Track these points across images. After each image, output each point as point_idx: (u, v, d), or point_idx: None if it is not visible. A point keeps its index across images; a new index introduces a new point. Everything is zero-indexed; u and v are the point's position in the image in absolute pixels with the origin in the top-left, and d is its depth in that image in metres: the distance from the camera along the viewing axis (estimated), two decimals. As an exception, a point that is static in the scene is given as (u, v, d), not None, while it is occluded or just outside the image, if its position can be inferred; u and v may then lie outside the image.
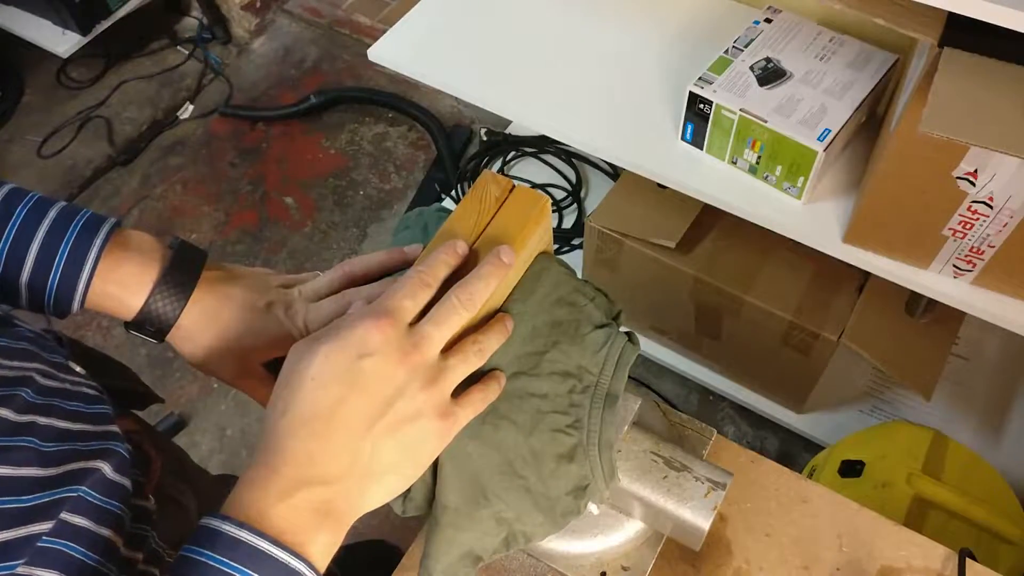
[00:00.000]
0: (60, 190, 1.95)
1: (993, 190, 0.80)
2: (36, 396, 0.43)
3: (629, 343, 0.53)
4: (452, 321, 0.44)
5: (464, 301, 0.44)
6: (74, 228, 0.50)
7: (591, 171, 1.77)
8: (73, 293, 0.50)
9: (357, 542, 1.41)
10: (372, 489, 0.42)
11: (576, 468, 0.50)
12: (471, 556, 0.52)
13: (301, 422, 0.40)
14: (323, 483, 0.40)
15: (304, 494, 0.39)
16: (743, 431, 1.48)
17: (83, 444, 0.44)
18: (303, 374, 0.41)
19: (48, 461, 0.41)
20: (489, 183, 0.52)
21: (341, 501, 0.40)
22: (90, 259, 0.50)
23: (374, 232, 1.86)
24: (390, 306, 0.42)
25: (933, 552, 0.65)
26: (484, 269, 0.46)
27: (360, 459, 0.40)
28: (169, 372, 1.66)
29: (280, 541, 0.38)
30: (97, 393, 0.49)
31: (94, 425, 0.46)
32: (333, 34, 2.22)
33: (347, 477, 0.40)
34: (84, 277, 0.50)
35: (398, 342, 0.41)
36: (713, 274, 1.23)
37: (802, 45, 1.02)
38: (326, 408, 0.40)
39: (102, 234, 0.50)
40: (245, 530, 0.37)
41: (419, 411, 0.42)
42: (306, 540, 0.39)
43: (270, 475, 0.39)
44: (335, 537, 0.41)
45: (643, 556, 0.63)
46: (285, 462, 0.40)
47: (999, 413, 1.35)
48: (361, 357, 0.40)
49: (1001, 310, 0.92)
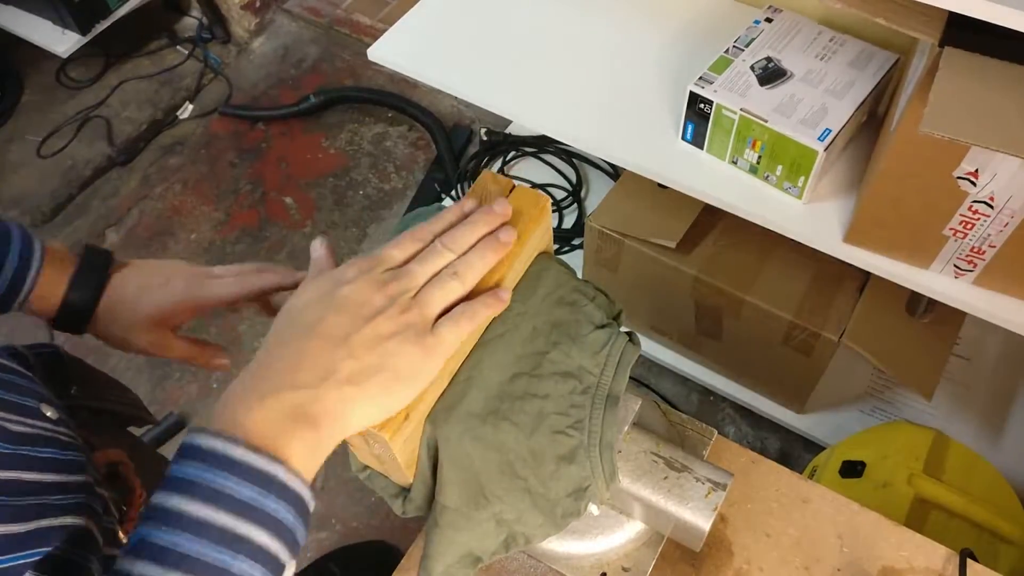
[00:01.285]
0: (59, 190, 1.95)
1: (994, 190, 0.80)
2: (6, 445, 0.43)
3: (630, 343, 0.52)
4: (435, 261, 0.45)
5: (448, 244, 0.46)
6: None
7: (591, 171, 1.77)
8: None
9: (357, 542, 1.41)
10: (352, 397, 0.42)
11: (576, 469, 0.50)
12: (471, 557, 0.52)
13: (280, 341, 0.43)
14: (296, 388, 0.40)
15: (277, 399, 0.40)
16: (743, 431, 1.48)
17: (55, 497, 0.44)
18: (290, 306, 0.44)
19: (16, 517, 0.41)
20: (489, 183, 0.52)
21: (316, 406, 0.41)
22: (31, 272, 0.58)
23: (374, 232, 1.86)
24: (375, 252, 0.45)
25: (934, 552, 0.65)
26: (475, 216, 0.47)
27: (337, 367, 0.41)
28: (169, 373, 1.66)
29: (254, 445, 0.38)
30: (70, 439, 0.49)
31: (65, 474, 0.46)
32: (333, 34, 2.22)
33: (322, 383, 0.41)
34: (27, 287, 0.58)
35: (378, 274, 0.44)
36: (713, 274, 1.23)
37: (803, 45, 1.02)
38: (304, 326, 0.42)
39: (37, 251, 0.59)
40: (219, 439, 0.38)
41: (397, 329, 0.43)
42: (282, 444, 0.39)
43: (246, 386, 0.41)
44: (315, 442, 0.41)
45: (644, 557, 0.63)
46: (260, 374, 0.41)
47: (1000, 413, 1.35)
48: (340, 284, 0.44)
49: (1002, 310, 0.92)
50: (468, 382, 0.49)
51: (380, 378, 0.42)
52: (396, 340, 0.43)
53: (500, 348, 0.49)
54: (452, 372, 0.49)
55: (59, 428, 0.49)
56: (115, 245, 1.88)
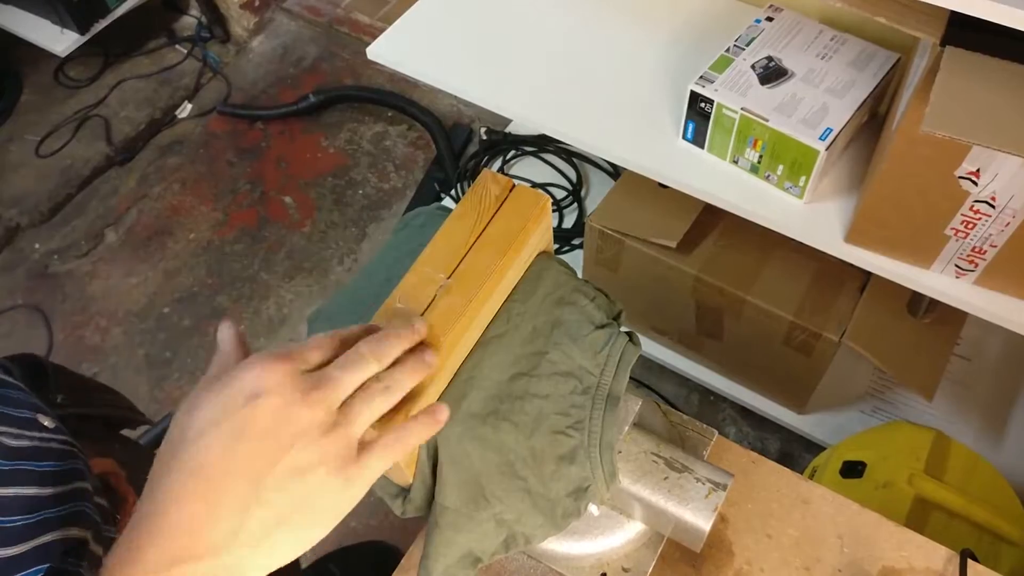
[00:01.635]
0: (58, 189, 1.95)
1: (995, 190, 0.80)
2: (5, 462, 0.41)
3: (630, 343, 0.52)
4: (361, 370, 0.39)
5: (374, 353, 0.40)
6: None
7: (591, 170, 1.76)
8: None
9: (357, 543, 1.41)
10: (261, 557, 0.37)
11: (577, 469, 0.50)
12: (471, 557, 0.52)
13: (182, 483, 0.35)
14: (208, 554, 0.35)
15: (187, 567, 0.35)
16: (744, 432, 1.48)
17: (57, 509, 0.42)
18: (188, 425, 0.37)
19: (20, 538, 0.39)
20: (489, 182, 0.51)
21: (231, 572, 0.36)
22: None
23: (373, 232, 1.85)
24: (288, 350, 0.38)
25: (934, 553, 0.65)
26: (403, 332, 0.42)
27: (248, 523, 0.35)
28: (167, 373, 1.66)
29: None
30: (68, 447, 0.47)
31: (67, 485, 0.44)
32: (332, 33, 2.22)
33: (231, 546, 0.35)
34: None
35: (294, 382, 0.37)
36: (714, 274, 1.23)
37: (803, 44, 1.01)
38: (210, 465, 0.35)
39: None
40: None
41: (318, 460, 0.37)
42: None
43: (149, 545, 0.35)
44: None
45: (644, 557, 0.62)
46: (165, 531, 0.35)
47: (1001, 414, 1.35)
48: (251, 399, 0.36)
49: (1003, 310, 0.91)
50: (468, 382, 0.48)
51: (293, 523, 0.37)
52: (316, 475, 0.37)
53: (500, 348, 0.49)
54: (453, 371, 0.49)
55: (56, 437, 0.47)
56: (114, 245, 1.88)
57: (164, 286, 1.79)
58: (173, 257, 1.84)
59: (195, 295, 1.77)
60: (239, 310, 1.74)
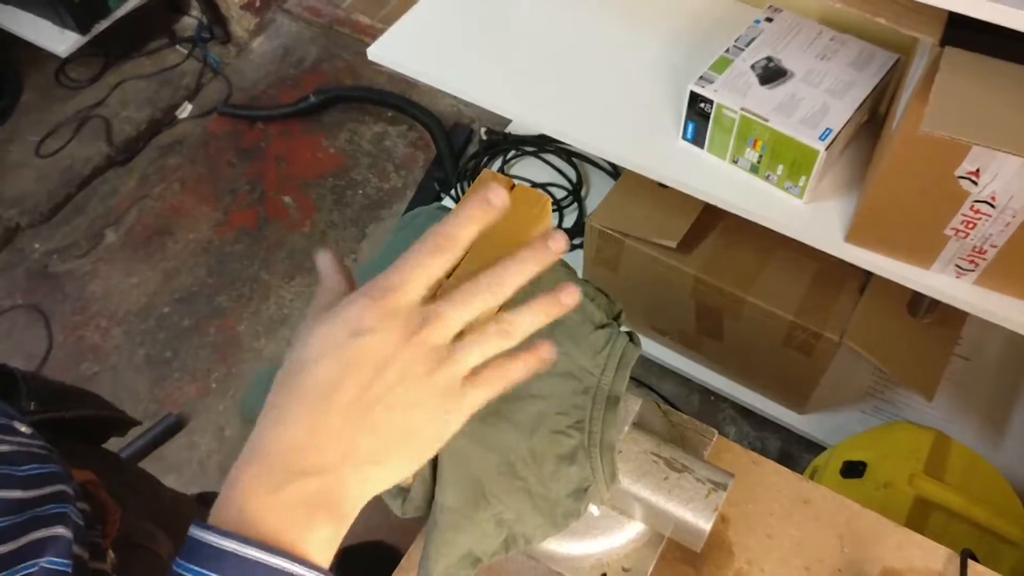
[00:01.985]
0: (58, 189, 1.95)
1: (995, 189, 0.80)
2: None
3: (630, 343, 0.52)
4: (474, 304, 0.38)
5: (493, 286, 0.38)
6: None
7: (591, 170, 1.76)
8: None
9: (357, 543, 1.41)
10: (371, 476, 0.38)
11: (577, 470, 0.50)
12: (470, 557, 0.52)
13: (290, 408, 0.37)
14: (314, 474, 0.36)
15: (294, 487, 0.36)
16: (744, 432, 1.48)
17: (40, 510, 0.42)
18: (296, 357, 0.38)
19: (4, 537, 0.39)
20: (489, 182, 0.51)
21: (336, 491, 0.37)
22: None
23: (373, 232, 1.85)
24: (394, 280, 0.37)
25: (934, 553, 0.65)
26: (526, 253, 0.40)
27: (355, 447, 0.37)
28: (168, 372, 1.66)
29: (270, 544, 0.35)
30: (47, 452, 0.47)
31: (49, 487, 0.44)
32: (333, 33, 2.22)
33: (341, 466, 0.37)
34: None
35: (401, 318, 0.37)
36: (714, 274, 1.23)
37: (803, 44, 1.01)
38: (317, 392, 0.37)
39: None
40: (231, 539, 0.34)
41: (423, 397, 0.37)
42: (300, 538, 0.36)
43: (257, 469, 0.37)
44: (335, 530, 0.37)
45: (644, 557, 0.62)
46: (272, 453, 0.37)
47: (1001, 414, 1.35)
48: (356, 335, 0.36)
49: (1004, 310, 0.91)
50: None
51: (403, 451, 0.38)
52: (423, 409, 0.38)
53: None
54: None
55: (35, 441, 0.47)
56: (114, 245, 1.88)
57: (164, 286, 1.79)
58: (173, 257, 1.84)
59: (195, 295, 1.77)
60: (239, 310, 1.74)
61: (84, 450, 0.63)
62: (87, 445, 0.65)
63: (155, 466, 1.52)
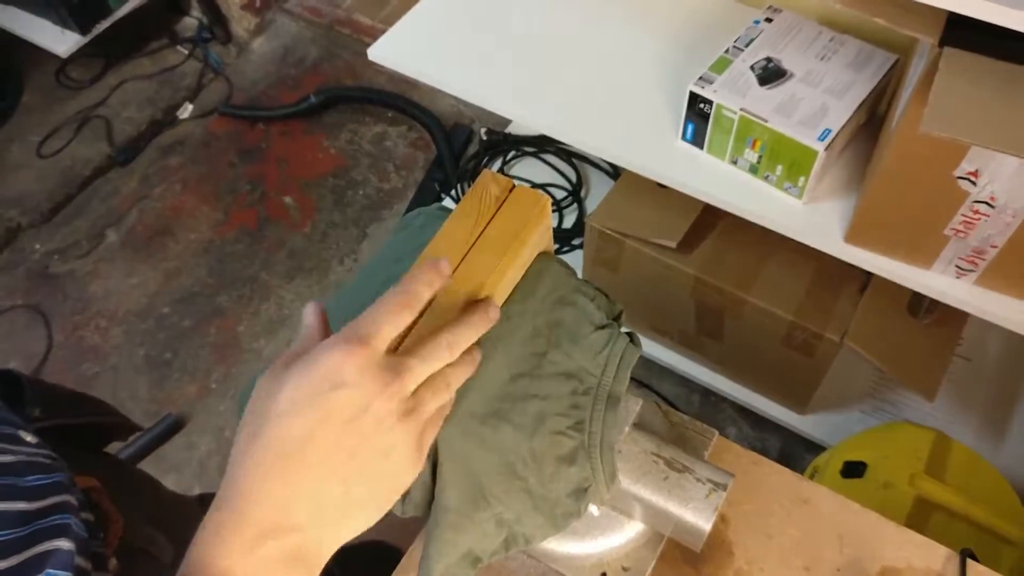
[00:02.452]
0: (59, 190, 1.95)
1: (994, 190, 0.80)
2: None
3: (630, 344, 0.52)
4: (438, 360, 0.41)
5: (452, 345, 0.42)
6: None
7: (591, 171, 1.76)
8: None
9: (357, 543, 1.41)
10: (345, 528, 0.40)
11: (577, 470, 0.50)
12: (471, 557, 0.52)
13: (268, 462, 0.37)
14: (291, 531, 0.37)
15: (273, 543, 0.37)
16: (744, 432, 1.48)
17: (43, 522, 0.43)
18: (270, 407, 0.38)
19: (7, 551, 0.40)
20: (489, 183, 0.51)
21: (313, 546, 0.38)
22: None
23: (374, 232, 1.86)
24: (366, 331, 0.39)
25: (934, 553, 0.65)
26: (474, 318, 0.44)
27: (332, 502, 0.38)
28: (167, 373, 1.66)
29: None
30: (51, 461, 0.48)
31: (52, 498, 0.45)
32: (333, 34, 2.22)
33: (319, 522, 0.38)
34: None
35: (376, 371, 0.38)
36: (714, 274, 1.23)
37: (802, 45, 1.02)
38: (295, 447, 0.37)
39: None
40: None
41: (394, 444, 0.39)
42: None
43: (236, 523, 0.37)
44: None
45: (644, 557, 0.62)
46: (251, 508, 0.37)
47: (1001, 414, 1.35)
48: (334, 388, 0.37)
49: (1004, 310, 0.91)
50: (468, 382, 0.48)
51: (376, 499, 0.40)
52: (394, 456, 0.39)
53: (500, 348, 0.49)
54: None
55: (40, 451, 0.47)
56: (114, 245, 1.88)
57: (164, 286, 1.79)
58: (174, 257, 1.84)
59: (195, 295, 1.77)
60: (239, 310, 1.74)
61: (87, 456, 0.63)
62: (90, 451, 0.65)
63: (155, 466, 1.52)
